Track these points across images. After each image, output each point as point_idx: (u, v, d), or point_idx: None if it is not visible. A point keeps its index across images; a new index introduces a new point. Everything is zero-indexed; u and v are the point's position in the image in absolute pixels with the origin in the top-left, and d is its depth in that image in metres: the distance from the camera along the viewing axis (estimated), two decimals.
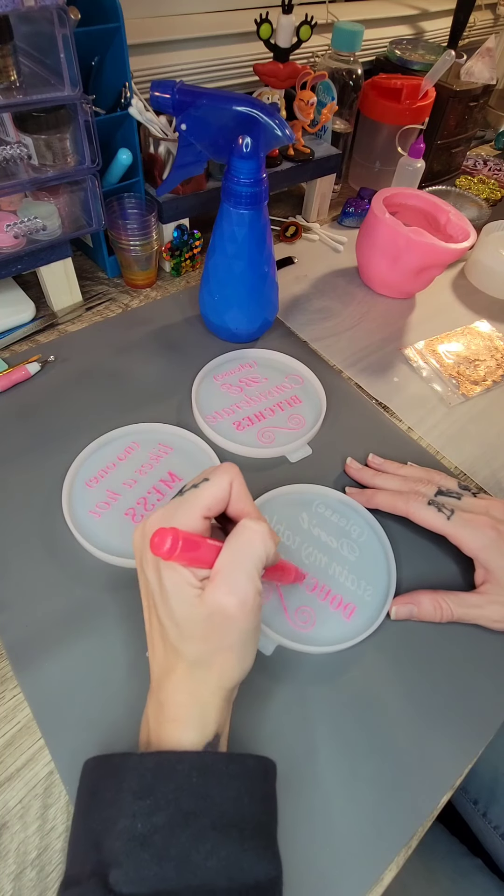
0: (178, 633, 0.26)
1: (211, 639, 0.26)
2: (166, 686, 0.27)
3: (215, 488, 0.28)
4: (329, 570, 0.41)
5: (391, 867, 0.30)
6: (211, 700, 0.27)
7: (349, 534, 0.43)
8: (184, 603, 0.26)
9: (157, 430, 0.48)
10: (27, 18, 0.41)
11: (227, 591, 0.26)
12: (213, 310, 0.55)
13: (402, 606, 0.39)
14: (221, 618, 0.26)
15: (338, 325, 0.62)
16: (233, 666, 0.27)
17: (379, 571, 0.41)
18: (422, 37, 0.94)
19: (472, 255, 0.70)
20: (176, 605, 0.26)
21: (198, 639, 0.26)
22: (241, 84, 0.75)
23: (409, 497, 0.40)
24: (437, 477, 0.43)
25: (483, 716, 0.36)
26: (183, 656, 0.26)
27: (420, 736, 0.34)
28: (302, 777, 0.32)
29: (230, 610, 0.25)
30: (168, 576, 0.26)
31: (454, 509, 0.39)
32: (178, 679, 0.26)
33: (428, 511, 0.39)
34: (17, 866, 0.29)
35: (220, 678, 0.27)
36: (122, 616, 0.38)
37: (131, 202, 0.57)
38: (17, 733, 0.33)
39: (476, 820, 0.48)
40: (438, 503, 0.40)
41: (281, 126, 0.42)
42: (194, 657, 0.26)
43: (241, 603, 0.25)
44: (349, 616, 0.39)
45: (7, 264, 0.51)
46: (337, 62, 0.72)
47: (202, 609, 0.26)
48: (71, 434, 0.47)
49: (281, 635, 0.36)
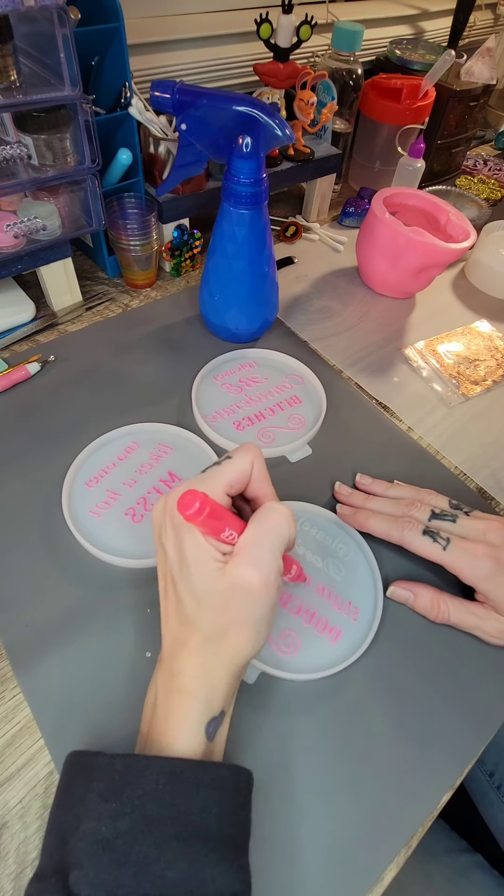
0: (196, 603, 0.27)
1: (228, 612, 0.26)
2: (179, 656, 0.27)
3: (238, 465, 0.29)
4: (314, 591, 0.40)
5: (391, 867, 0.30)
6: (221, 675, 0.27)
7: (335, 552, 0.42)
8: (205, 574, 0.26)
9: (157, 430, 0.48)
10: (27, 18, 0.41)
11: (252, 565, 0.26)
12: (213, 310, 0.55)
13: (402, 590, 0.39)
14: (243, 591, 0.26)
15: (338, 325, 0.62)
16: (246, 642, 0.27)
17: (366, 592, 0.40)
18: (422, 37, 0.94)
19: (473, 255, 0.70)
20: (197, 576, 0.26)
21: (216, 611, 0.26)
22: (241, 84, 0.75)
23: (403, 524, 0.39)
24: (428, 497, 0.42)
25: (484, 716, 0.36)
26: (199, 628, 0.27)
27: (420, 736, 0.34)
28: (301, 778, 0.32)
29: (253, 584, 0.26)
30: (190, 547, 0.27)
31: (450, 538, 0.37)
32: (192, 650, 0.27)
33: (423, 541, 0.38)
34: (17, 866, 0.29)
35: (233, 654, 0.27)
36: (123, 616, 0.38)
37: (131, 202, 0.57)
38: (17, 733, 0.33)
39: (489, 794, 0.48)
40: (434, 531, 0.38)
41: (281, 126, 0.42)
42: (210, 629, 0.27)
43: (264, 578, 0.26)
44: (335, 639, 0.37)
45: (7, 264, 0.51)
46: (337, 62, 0.72)
47: (224, 581, 0.26)
48: (71, 434, 0.47)
49: (265, 663, 0.35)
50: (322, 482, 0.47)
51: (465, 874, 0.45)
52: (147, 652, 0.36)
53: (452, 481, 0.48)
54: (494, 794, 0.47)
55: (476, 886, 0.45)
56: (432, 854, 0.46)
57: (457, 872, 0.45)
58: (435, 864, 0.45)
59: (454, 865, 0.46)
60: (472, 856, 0.47)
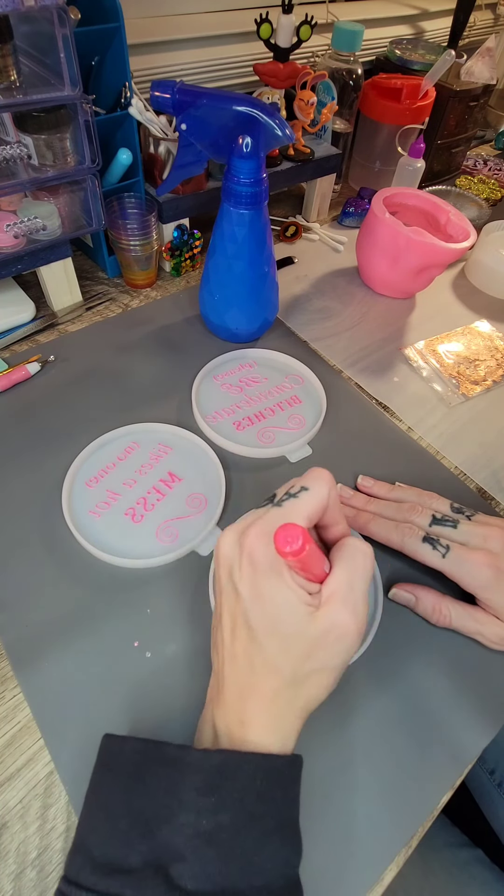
0: (280, 649, 0.26)
1: (315, 658, 0.26)
2: (251, 705, 0.26)
3: (317, 496, 0.28)
4: None
5: (391, 867, 0.30)
6: (294, 724, 0.26)
7: None
8: (295, 619, 0.25)
9: (157, 430, 0.48)
10: (27, 18, 0.41)
11: (348, 611, 0.26)
12: (213, 310, 0.55)
13: (404, 592, 0.39)
14: (337, 637, 0.26)
15: (338, 325, 0.62)
16: (325, 687, 0.27)
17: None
18: (422, 37, 0.94)
19: (473, 254, 0.70)
20: (285, 621, 0.25)
21: (302, 657, 0.26)
22: (241, 84, 0.75)
23: (403, 530, 0.39)
24: (429, 500, 0.41)
25: (484, 716, 0.36)
26: (278, 673, 0.26)
27: (420, 736, 0.34)
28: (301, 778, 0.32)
29: (350, 630, 0.26)
30: (279, 590, 0.26)
31: (450, 545, 0.37)
32: (268, 698, 0.26)
33: (423, 548, 0.38)
34: (17, 866, 0.29)
35: (309, 700, 0.26)
36: (123, 616, 0.38)
37: (131, 202, 0.57)
38: (17, 733, 0.33)
39: (490, 791, 0.48)
40: (434, 537, 0.38)
41: (281, 126, 0.42)
42: (290, 676, 0.26)
43: (360, 623, 0.26)
44: None
45: (7, 264, 0.51)
46: (337, 62, 0.72)
47: (317, 625, 0.25)
48: (71, 434, 0.47)
49: None
50: None
51: (465, 868, 0.45)
52: (147, 652, 0.36)
53: (452, 481, 0.48)
54: (495, 791, 0.48)
55: (476, 880, 0.45)
56: (433, 847, 0.46)
57: (457, 866, 0.45)
58: (435, 856, 0.45)
59: (454, 859, 0.46)
60: (472, 850, 0.47)
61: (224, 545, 0.28)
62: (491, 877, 0.45)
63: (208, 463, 0.46)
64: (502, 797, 0.47)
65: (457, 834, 0.49)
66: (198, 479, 0.45)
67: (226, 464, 0.46)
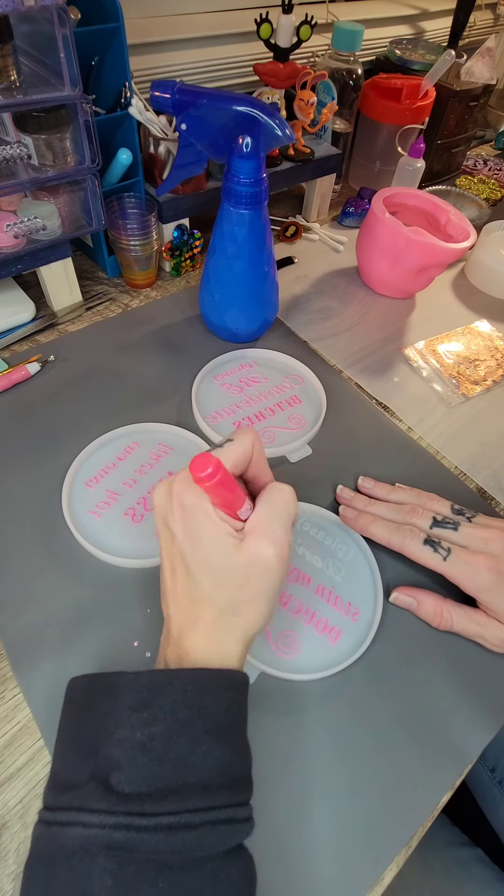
0: (213, 580, 0.27)
1: (246, 587, 0.27)
2: (190, 635, 0.27)
3: (240, 447, 0.30)
4: (314, 592, 0.40)
5: (391, 867, 0.30)
6: (235, 649, 0.28)
7: (335, 552, 0.42)
8: (222, 551, 0.27)
9: (157, 430, 0.48)
10: (27, 18, 0.41)
11: (268, 541, 0.28)
12: (213, 310, 0.55)
13: (405, 596, 0.39)
14: (261, 566, 0.27)
15: (338, 325, 0.62)
16: (260, 614, 0.28)
17: (366, 592, 0.40)
18: (422, 37, 0.94)
19: (473, 254, 0.70)
20: (214, 554, 0.27)
21: (234, 586, 0.27)
22: (241, 84, 0.75)
23: (404, 533, 0.39)
24: (430, 502, 0.42)
25: (483, 715, 0.36)
26: (214, 604, 0.27)
27: (419, 736, 0.34)
28: (301, 779, 0.32)
29: (270, 559, 0.28)
30: (205, 525, 0.28)
31: (450, 548, 0.37)
32: (204, 628, 0.27)
33: (424, 550, 0.38)
34: (17, 866, 0.29)
35: (245, 627, 0.28)
36: (123, 616, 0.38)
37: (131, 202, 0.57)
38: (17, 733, 0.33)
39: (491, 790, 0.48)
40: (435, 540, 0.38)
41: (281, 126, 0.41)
42: (225, 605, 0.27)
43: (280, 553, 0.28)
44: (335, 640, 0.37)
45: (7, 264, 0.51)
46: (337, 62, 0.72)
47: (242, 557, 0.27)
48: (71, 434, 0.47)
49: (265, 663, 0.35)
50: (322, 482, 0.47)
51: (465, 867, 0.45)
52: (147, 652, 0.36)
53: (452, 481, 0.48)
54: (496, 789, 0.48)
55: (476, 879, 0.45)
56: (433, 846, 0.46)
57: (457, 865, 0.45)
58: (435, 854, 0.45)
59: (454, 858, 0.46)
60: (472, 850, 0.47)
61: (157, 496, 0.30)
62: (491, 876, 0.45)
63: None
64: (503, 795, 0.47)
65: (457, 833, 0.49)
66: None
67: None
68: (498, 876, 0.45)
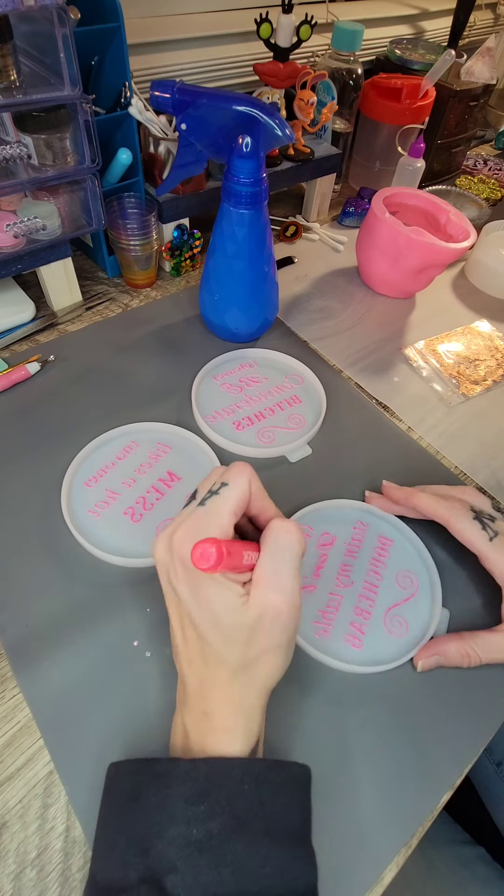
0: (223, 640, 0.26)
1: (256, 642, 0.26)
2: (211, 696, 0.27)
3: (237, 491, 0.28)
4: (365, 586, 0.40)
5: (391, 867, 0.30)
6: (256, 703, 0.27)
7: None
8: (230, 610, 0.26)
9: (157, 430, 0.48)
10: (27, 18, 0.41)
11: (275, 590, 0.26)
12: (213, 309, 0.55)
13: (429, 658, 0.36)
14: (271, 618, 0.26)
15: (338, 324, 0.62)
16: (276, 666, 0.27)
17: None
18: (422, 36, 0.94)
19: (473, 254, 0.70)
20: (222, 614, 0.26)
21: (245, 643, 0.26)
22: (241, 84, 0.75)
23: (453, 505, 0.37)
24: (470, 496, 0.40)
25: (484, 715, 0.36)
26: (228, 662, 0.26)
27: (419, 736, 0.34)
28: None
29: (281, 608, 0.26)
30: (209, 588, 0.26)
31: (498, 532, 0.36)
32: (223, 687, 0.26)
33: (472, 525, 0.36)
34: (17, 866, 0.29)
35: (264, 680, 0.27)
36: (122, 615, 0.38)
37: (131, 202, 0.57)
38: (17, 733, 0.33)
39: (496, 785, 0.47)
40: (485, 519, 0.37)
41: (281, 126, 0.41)
42: (240, 662, 0.26)
43: (290, 600, 0.26)
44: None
45: (7, 264, 0.51)
46: (337, 62, 0.72)
47: (250, 613, 0.26)
48: (70, 434, 0.47)
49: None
50: (322, 482, 0.47)
51: (467, 865, 0.45)
52: (147, 652, 0.36)
53: (452, 481, 0.48)
54: (501, 783, 0.47)
55: (478, 878, 0.45)
56: (435, 844, 0.46)
57: (459, 863, 0.45)
58: (437, 853, 0.45)
59: (456, 856, 0.46)
60: (474, 848, 0.47)
61: (158, 551, 0.28)
62: (493, 874, 0.45)
63: (208, 463, 0.46)
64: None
65: (459, 831, 0.48)
66: (197, 479, 0.45)
67: (225, 463, 0.46)
68: (500, 875, 0.45)
